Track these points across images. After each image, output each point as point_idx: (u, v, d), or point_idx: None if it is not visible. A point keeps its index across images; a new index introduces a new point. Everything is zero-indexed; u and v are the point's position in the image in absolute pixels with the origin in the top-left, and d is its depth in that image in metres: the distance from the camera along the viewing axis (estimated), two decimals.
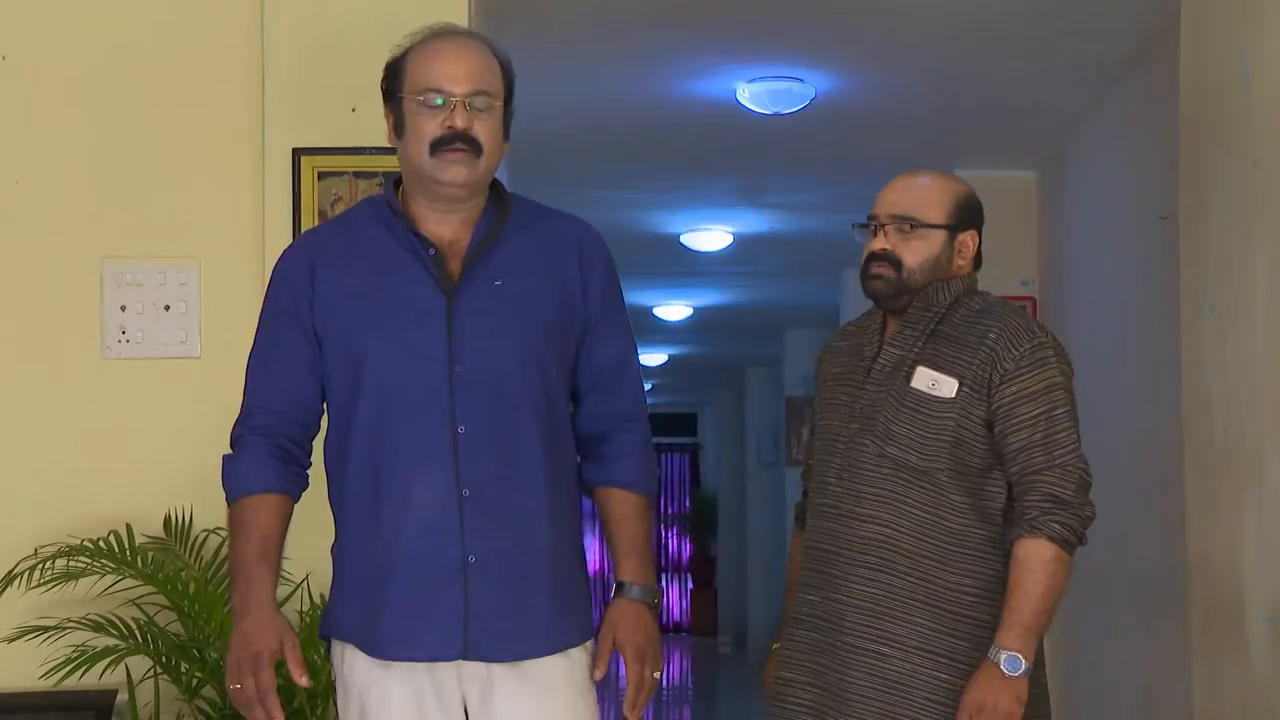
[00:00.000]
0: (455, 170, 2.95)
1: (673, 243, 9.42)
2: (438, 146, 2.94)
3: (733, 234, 9.38)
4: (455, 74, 2.95)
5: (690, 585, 21.13)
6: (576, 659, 3.01)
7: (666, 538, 21.99)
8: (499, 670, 2.95)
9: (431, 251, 2.99)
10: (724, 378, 17.53)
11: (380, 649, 2.94)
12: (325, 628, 3.06)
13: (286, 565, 3.23)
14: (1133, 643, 5.99)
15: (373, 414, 2.96)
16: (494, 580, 2.92)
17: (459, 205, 3.01)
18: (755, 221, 9.13)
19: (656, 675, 3.01)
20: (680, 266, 10.09)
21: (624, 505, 3.08)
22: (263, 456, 3.02)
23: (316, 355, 3.02)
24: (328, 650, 3.09)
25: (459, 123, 2.93)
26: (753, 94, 6.15)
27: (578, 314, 3.06)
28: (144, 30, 4.27)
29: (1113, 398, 6.08)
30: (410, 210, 3.04)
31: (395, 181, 3.09)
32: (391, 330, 2.96)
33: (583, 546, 3.10)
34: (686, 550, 21.86)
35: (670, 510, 21.94)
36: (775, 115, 6.28)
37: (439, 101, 2.95)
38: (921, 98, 6.49)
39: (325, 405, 3.07)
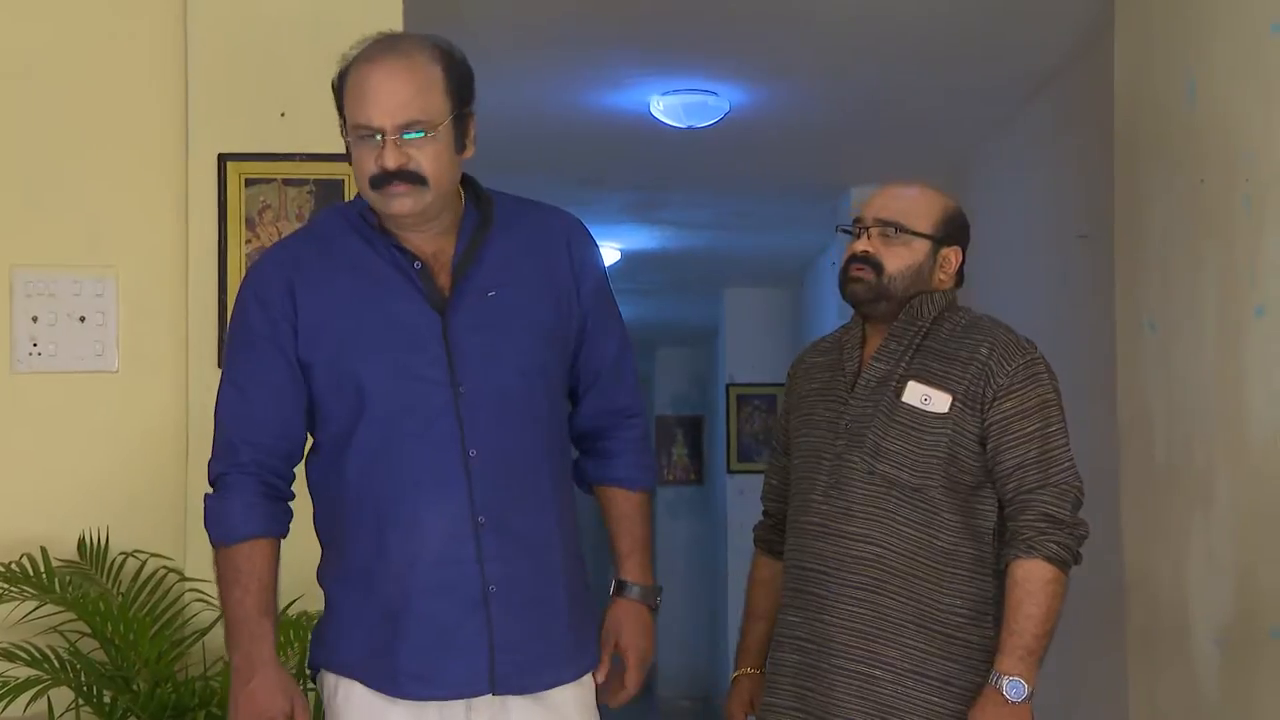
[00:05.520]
0: (400, 202, 2.79)
1: None
2: (377, 183, 2.78)
3: (621, 251, 9.31)
4: (383, 107, 2.75)
5: None
6: (585, 683, 2.94)
7: None
8: (513, 701, 2.84)
9: (418, 266, 2.85)
10: None
11: (399, 686, 2.80)
12: (318, 659, 2.90)
13: None
14: (1050, 667, 5.94)
15: (376, 440, 2.81)
16: (516, 609, 2.82)
17: (422, 226, 2.86)
18: (645, 238, 9.07)
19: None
20: None
21: (625, 503, 3.05)
22: (252, 498, 2.85)
23: (298, 381, 2.86)
24: (312, 678, 2.95)
25: (389, 163, 2.76)
26: (667, 106, 6.07)
27: (574, 314, 2.95)
28: (59, 26, 4.06)
29: None
30: (385, 223, 2.88)
31: None
32: (388, 353, 2.81)
33: (583, 557, 3.01)
34: None
35: None
36: (689, 129, 6.22)
37: (371, 136, 2.76)
38: (832, 113, 6.46)
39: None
